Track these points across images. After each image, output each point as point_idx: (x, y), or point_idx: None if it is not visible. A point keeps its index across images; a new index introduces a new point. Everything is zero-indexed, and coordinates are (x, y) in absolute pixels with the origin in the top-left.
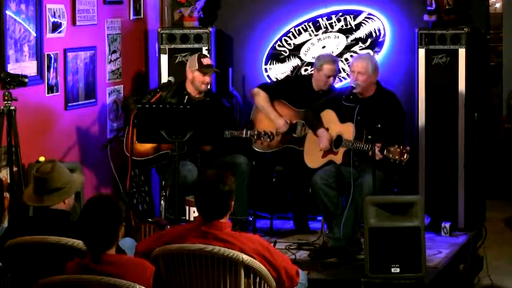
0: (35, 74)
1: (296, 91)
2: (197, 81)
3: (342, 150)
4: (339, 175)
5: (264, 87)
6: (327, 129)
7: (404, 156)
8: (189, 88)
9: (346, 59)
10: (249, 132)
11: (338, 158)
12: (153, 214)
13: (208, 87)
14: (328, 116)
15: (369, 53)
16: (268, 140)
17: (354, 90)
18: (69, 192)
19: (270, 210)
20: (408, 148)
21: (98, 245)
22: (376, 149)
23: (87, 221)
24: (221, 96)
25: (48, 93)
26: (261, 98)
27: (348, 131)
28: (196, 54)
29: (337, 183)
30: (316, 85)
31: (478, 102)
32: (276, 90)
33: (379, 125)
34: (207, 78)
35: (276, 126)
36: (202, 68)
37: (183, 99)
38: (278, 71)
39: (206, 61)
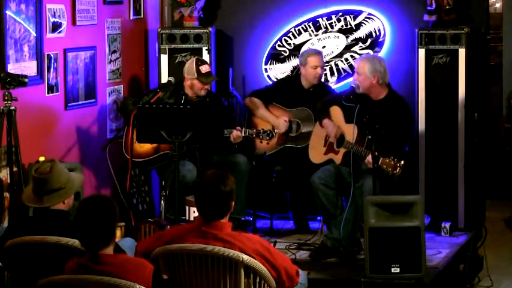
0: (35, 74)
1: (287, 92)
2: (196, 88)
3: (342, 150)
4: (338, 175)
5: (256, 93)
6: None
7: (397, 170)
8: (188, 91)
9: (346, 59)
10: (248, 131)
11: (338, 158)
12: (153, 214)
13: (208, 88)
14: (336, 113)
15: (372, 55)
16: (268, 138)
17: (356, 90)
18: (68, 193)
19: (270, 210)
20: (402, 163)
21: (95, 243)
22: (370, 158)
23: (82, 219)
24: (221, 96)
25: (48, 93)
26: (255, 106)
27: (350, 132)
28: (194, 60)
29: (336, 183)
30: (305, 82)
31: (478, 102)
32: (268, 95)
33: (377, 126)
34: (207, 85)
35: (276, 127)
36: (202, 78)
37: (181, 99)
38: (278, 71)
39: (205, 69)
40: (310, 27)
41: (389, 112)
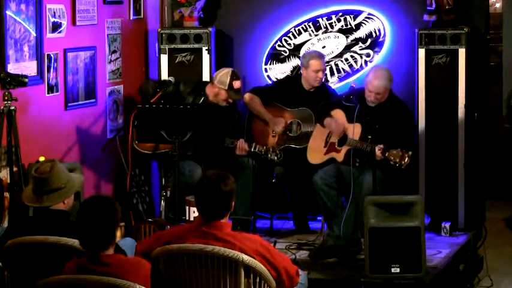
0: (35, 74)
1: (287, 92)
2: (220, 98)
3: (344, 149)
4: (339, 175)
5: (256, 90)
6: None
7: (405, 160)
8: (210, 95)
9: (346, 59)
10: (258, 147)
11: (340, 156)
12: (153, 214)
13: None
14: (338, 116)
15: (379, 67)
16: (276, 158)
17: (369, 104)
18: (68, 192)
19: (270, 210)
20: (410, 153)
21: (95, 245)
22: (377, 150)
23: (84, 221)
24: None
25: (48, 93)
26: (254, 103)
27: (353, 131)
28: (230, 72)
29: (337, 183)
30: (306, 84)
31: (478, 102)
32: (268, 93)
33: (377, 126)
34: (231, 100)
35: (272, 125)
36: (231, 92)
37: (200, 99)
38: (278, 71)
39: (237, 84)
40: (310, 27)
41: (392, 116)
